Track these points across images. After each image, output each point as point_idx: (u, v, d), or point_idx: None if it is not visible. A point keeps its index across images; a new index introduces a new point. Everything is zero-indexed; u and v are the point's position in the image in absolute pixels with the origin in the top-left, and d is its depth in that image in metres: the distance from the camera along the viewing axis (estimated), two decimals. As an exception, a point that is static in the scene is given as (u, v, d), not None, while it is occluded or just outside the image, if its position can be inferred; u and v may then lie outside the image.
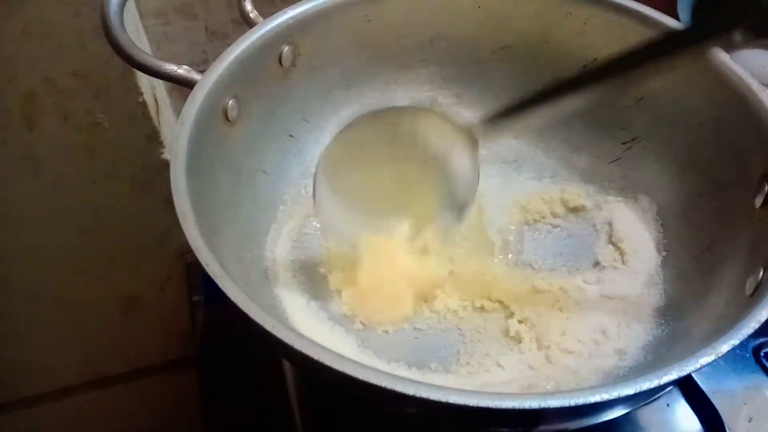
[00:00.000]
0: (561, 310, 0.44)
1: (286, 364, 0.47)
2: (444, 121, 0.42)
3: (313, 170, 0.49)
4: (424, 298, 0.44)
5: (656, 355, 0.40)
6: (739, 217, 0.41)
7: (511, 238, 0.48)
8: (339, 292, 0.44)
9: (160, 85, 0.61)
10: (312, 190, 0.42)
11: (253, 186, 0.45)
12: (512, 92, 0.51)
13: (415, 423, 0.35)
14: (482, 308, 0.44)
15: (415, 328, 0.43)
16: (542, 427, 0.32)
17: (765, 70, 0.56)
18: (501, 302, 0.44)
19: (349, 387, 0.30)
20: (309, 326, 0.42)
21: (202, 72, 0.41)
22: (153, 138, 0.57)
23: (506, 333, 0.43)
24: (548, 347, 0.42)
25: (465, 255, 0.46)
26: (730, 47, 0.40)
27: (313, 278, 0.45)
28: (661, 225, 0.47)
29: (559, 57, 0.50)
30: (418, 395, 0.28)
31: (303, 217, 0.48)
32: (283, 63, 0.46)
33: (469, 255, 0.46)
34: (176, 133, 0.38)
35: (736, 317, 0.32)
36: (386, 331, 0.43)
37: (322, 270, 0.45)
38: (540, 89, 0.38)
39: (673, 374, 0.29)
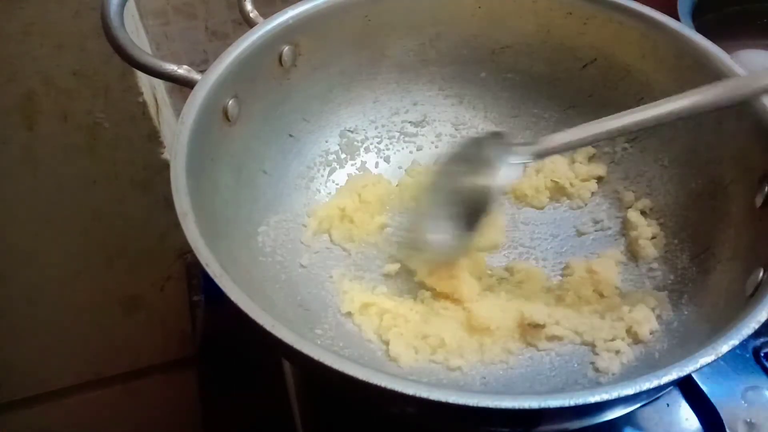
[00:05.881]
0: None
1: (286, 364, 0.47)
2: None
3: (312, 170, 0.50)
4: None
5: (657, 355, 0.40)
6: (739, 217, 0.41)
7: (511, 237, 0.48)
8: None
9: (160, 85, 0.61)
10: None
11: (253, 186, 0.45)
12: (512, 92, 0.52)
13: (415, 423, 0.35)
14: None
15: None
16: (542, 427, 0.32)
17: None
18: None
19: (349, 387, 0.30)
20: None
21: (202, 72, 0.41)
22: (153, 138, 0.57)
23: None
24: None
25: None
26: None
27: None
28: (661, 225, 0.47)
29: (559, 57, 0.50)
30: (418, 395, 0.28)
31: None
32: (283, 63, 0.46)
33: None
34: (176, 132, 0.38)
35: (736, 317, 0.32)
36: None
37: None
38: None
39: (673, 374, 0.29)
